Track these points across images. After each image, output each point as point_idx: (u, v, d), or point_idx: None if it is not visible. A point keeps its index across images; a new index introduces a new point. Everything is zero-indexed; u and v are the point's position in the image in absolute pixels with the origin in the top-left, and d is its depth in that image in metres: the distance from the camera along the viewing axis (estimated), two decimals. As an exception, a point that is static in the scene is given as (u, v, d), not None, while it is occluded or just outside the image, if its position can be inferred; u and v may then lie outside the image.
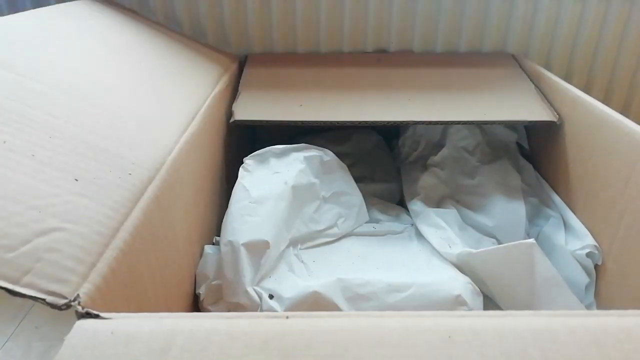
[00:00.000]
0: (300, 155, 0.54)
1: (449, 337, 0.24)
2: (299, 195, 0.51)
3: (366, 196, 0.60)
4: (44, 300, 0.24)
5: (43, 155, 0.31)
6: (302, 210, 0.52)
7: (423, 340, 0.24)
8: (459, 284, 0.44)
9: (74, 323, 0.24)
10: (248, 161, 0.53)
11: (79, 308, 0.24)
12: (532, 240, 0.43)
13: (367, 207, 0.58)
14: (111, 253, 0.29)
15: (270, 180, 0.50)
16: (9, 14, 0.50)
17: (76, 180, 0.31)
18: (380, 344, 0.24)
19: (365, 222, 0.57)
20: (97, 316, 0.24)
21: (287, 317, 0.25)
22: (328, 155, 0.56)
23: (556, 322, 0.25)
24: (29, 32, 0.46)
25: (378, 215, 0.59)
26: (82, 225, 0.29)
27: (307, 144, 0.56)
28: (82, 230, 0.28)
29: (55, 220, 0.28)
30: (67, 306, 0.24)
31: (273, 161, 0.53)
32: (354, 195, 0.57)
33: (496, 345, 0.24)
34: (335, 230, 0.54)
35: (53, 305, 0.24)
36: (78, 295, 0.25)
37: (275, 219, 0.47)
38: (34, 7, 0.54)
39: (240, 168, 0.52)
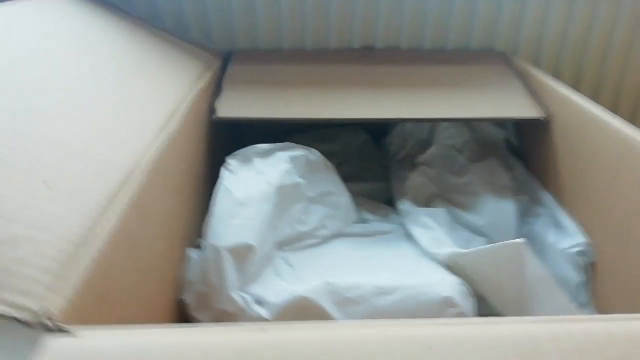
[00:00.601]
0: (286, 155, 0.53)
1: (430, 347, 0.24)
2: (285, 196, 0.50)
3: (354, 196, 0.59)
4: (12, 317, 0.23)
5: (9, 159, 0.30)
6: (288, 211, 0.51)
7: (403, 351, 0.23)
8: (448, 286, 0.43)
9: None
10: (231, 161, 0.51)
11: (48, 323, 0.23)
12: (521, 239, 0.43)
13: (355, 208, 0.57)
14: (84, 263, 0.28)
15: (254, 181, 0.49)
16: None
17: (45, 184, 0.30)
18: (358, 356, 0.23)
19: (354, 223, 0.56)
20: (66, 332, 0.23)
21: (264, 330, 0.24)
22: (314, 155, 0.55)
23: (539, 329, 0.25)
24: None
25: (367, 215, 0.59)
26: (52, 234, 0.27)
27: (293, 143, 0.55)
28: (51, 239, 0.27)
29: (22, 228, 0.27)
30: (37, 322, 0.23)
31: (257, 161, 0.52)
32: (341, 195, 0.57)
33: (477, 354, 0.23)
34: (322, 231, 0.53)
35: (19, 321, 0.23)
36: (49, 310, 0.24)
37: (260, 222, 0.46)
38: (11, 1, 0.53)
39: (223, 168, 0.51)
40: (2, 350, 0.24)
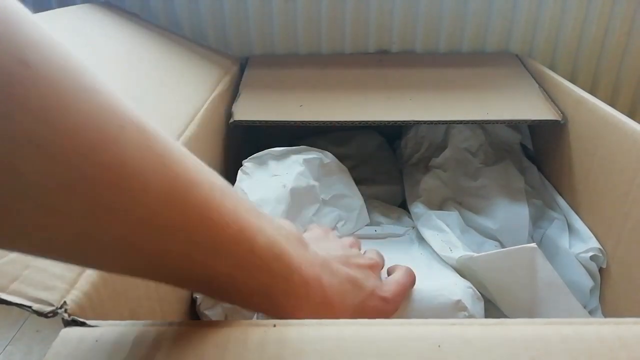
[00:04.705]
0: (300, 157, 0.53)
1: (439, 346, 0.24)
2: (298, 198, 0.50)
3: (368, 198, 0.59)
4: (30, 307, 0.24)
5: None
6: (301, 213, 0.51)
7: (412, 349, 0.24)
8: (459, 289, 0.43)
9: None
10: (247, 164, 0.52)
11: (65, 316, 0.24)
12: (533, 244, 0.42)
13: (368, 210, 0.58)
14: (101, 259, 0.29)
15: (269, 184, 0.50)
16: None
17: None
18: (367, 353, 0.23)
19: (367, 225, 0.57)
20: (83, 324, 0.24)
21: (275, 325, 0.25)
22: (328, 158, 0.56)
23: (549, 330, 0.24)
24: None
25: (379, 218, 0.59)
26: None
27: (307, 147, 0.56)
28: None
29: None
30: (54, 314, 0.24)
31: (272, 164, 0.53)
32: (355, 198, 0.57)
33: (487, 354, 0.23)
34: (334, 233, 0.53)
35: (39, 313, 0.24)
36: (65, 302, 0.25)
37: None
38: (36, 12, 0.55)
39: (239, 171, 0.52)
40: (37, 335, 0.25)
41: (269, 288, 0.26)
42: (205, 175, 0.23)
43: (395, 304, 0.37)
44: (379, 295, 0.35)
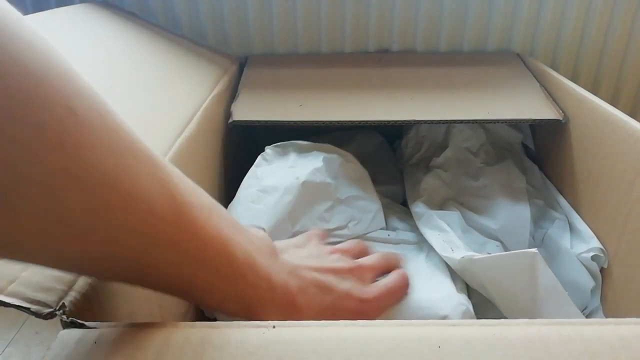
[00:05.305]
0: (321, 154, 0.53)
1: (439, 347, 0.24)
2: (310, 192, 0.50)
3: (389, 202, 0.58)
4: (28, 309, 0.24)
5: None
6: (312, 207, 0.51)
7: (412, 350, 0.23)
8: (450, 304, 0.42)
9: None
10: (269, 150, 0.53)
11: (64, 317, 0.24)
12: (534, 249, 0.42)
13: (387, 214, 0.56)
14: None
15: (283, 173, 0.50)
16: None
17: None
18: (367, 355, 0.23)
19: (381, 229, 0.56)
20: (81, 325, 0.24)
21: (274, 327, 0.24)
22: (350, 160, 0.56)
23: (550, 331, 0.24)
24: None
25: (397, 223, 0.57)
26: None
27: (331, 145, 0.56)
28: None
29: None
30: (52, 315, 0.24)
31: (292, 155, 0.53)
32: (371, 201, 0.56)
33: (486, 355, 0.23)
34: (345, 231, 0.52)
35: (37, 315, 0.24)
36: (63, 304, 0.25)
37: (278, 211, 0.47)
38: (35, 11, 0.55)
39: (259, 156, 0.53)
40: (36, 337, 0.25)
41: (242, 295, 0.30)
42: (195, 195, 0.27)
43: (378, 305, 0.39)
44: (356, 297, 0.37)
